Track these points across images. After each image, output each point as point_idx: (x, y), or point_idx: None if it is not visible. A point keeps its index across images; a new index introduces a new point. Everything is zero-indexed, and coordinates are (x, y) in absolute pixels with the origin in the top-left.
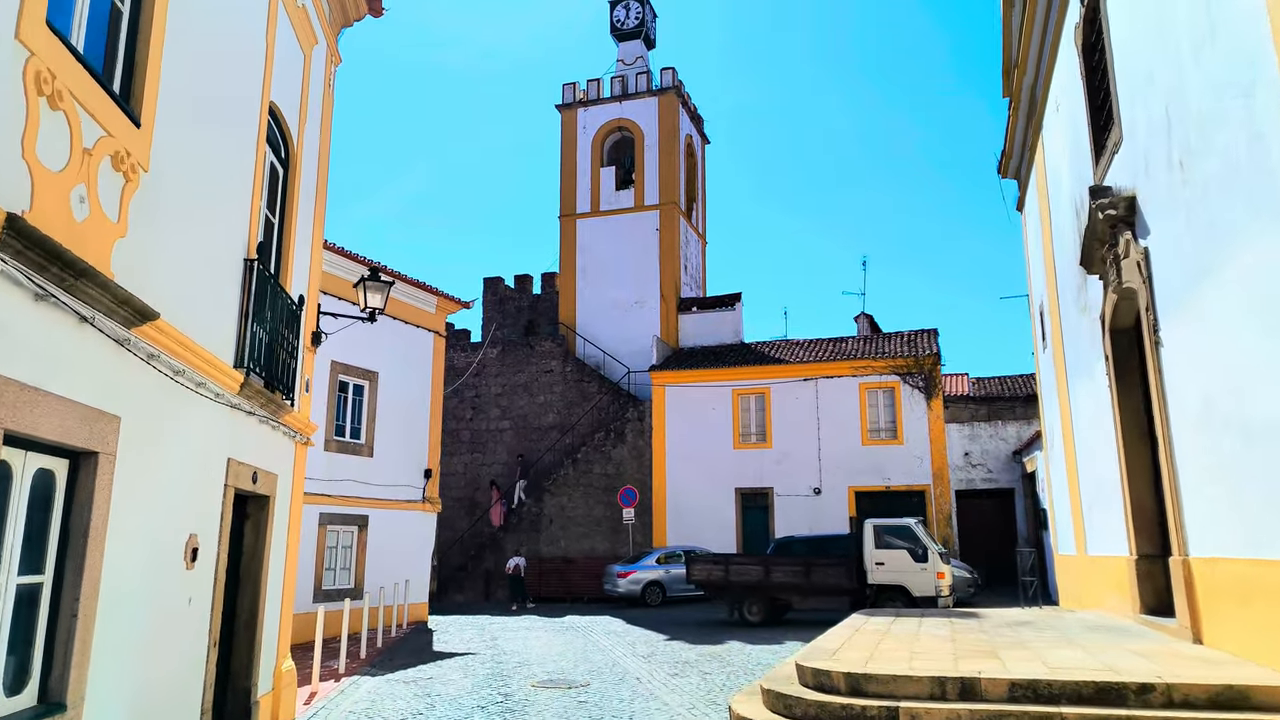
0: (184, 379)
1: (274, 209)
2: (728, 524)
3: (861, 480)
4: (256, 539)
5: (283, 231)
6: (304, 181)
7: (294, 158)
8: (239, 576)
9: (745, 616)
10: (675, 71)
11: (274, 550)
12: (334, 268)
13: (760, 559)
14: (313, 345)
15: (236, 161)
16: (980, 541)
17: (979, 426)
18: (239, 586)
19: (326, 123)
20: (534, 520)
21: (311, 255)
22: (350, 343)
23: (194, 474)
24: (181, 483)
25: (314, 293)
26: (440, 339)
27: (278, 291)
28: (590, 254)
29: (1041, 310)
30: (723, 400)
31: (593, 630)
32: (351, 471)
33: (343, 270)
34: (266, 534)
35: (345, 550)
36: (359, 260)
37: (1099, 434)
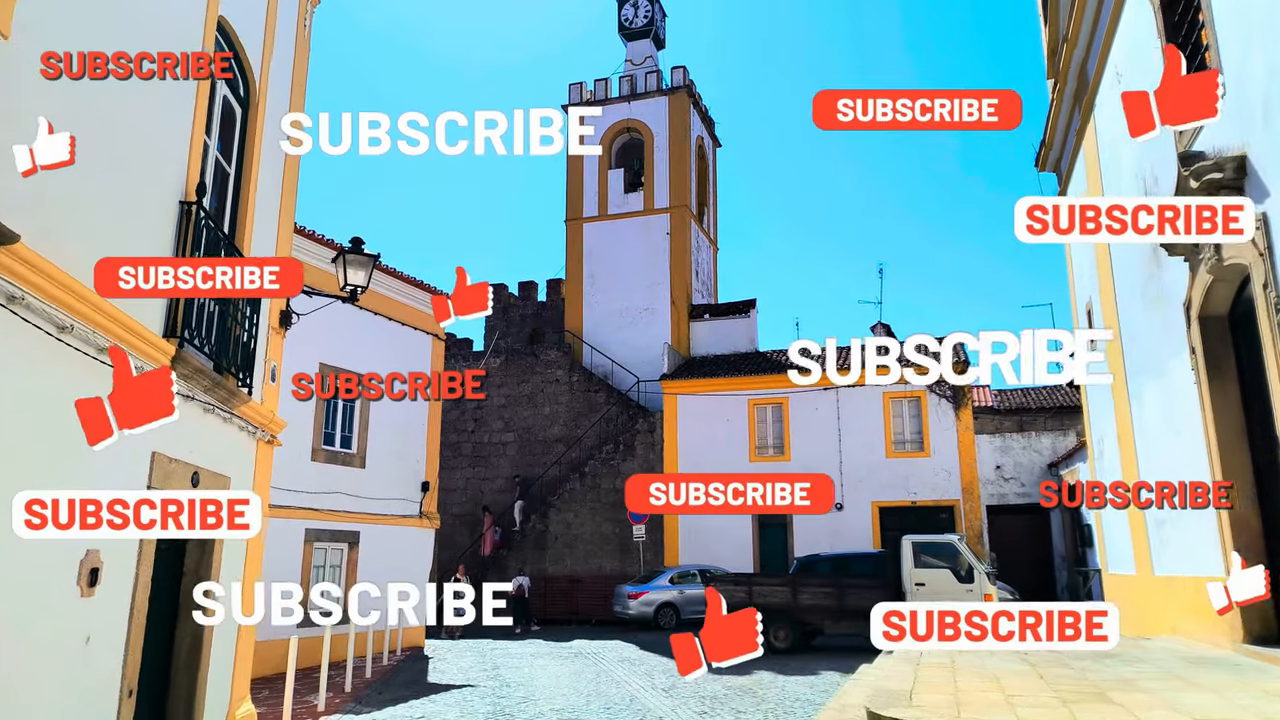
0: (74, 339)
1: (230, 157)
2: (744, 542)
3: (886, 495)
4: (202, 558)
5: (241, 184)
6: (270, 130)
7: (256, 98)
8: (176, 606)
9: (771, 642)
10: (686, 70)
11: (228, 571)
12: (324, 262)
13: (787, 579)
14: (281, 327)
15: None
16: (1014, 560)
17: (1011, 438)
18: (177, 618)
19: (301, 67)
20: (539, 538)
21: (280, 220)
22: (340, 343)
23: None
24: None
25: None
26: (439, 342)
27: (232, 252)
28: (598, 259)
29: (1089, 309)
30: (738, 411)
31: (604, 657)
32: (341, 484)
33: (387, 289)
34: (215, 552)
35: (334, 569)
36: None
37: (1175, 437)
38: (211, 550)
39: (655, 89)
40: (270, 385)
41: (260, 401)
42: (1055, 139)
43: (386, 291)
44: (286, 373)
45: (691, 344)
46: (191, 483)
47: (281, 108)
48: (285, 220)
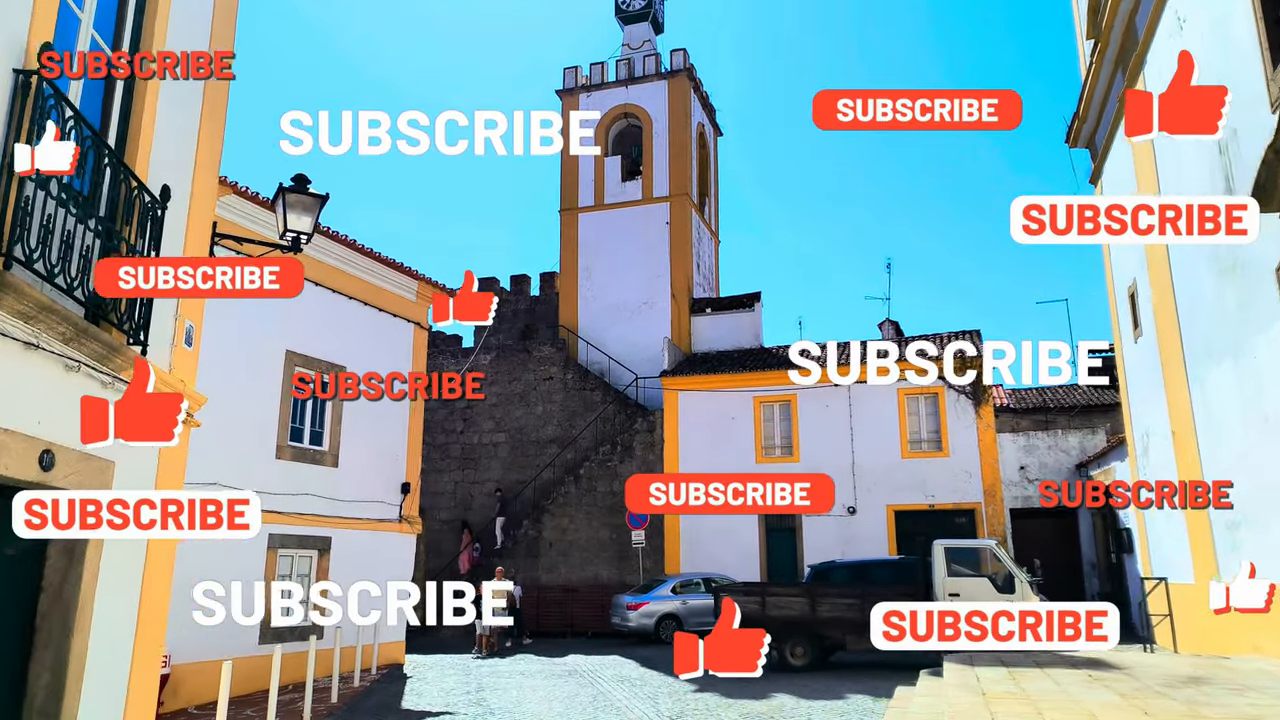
0: None
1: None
2: (750, 549)
3: (902, 498)
4: (69, 570)
5: (133, 80)
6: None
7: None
8: (33, 632)
9: (787, 659)
10: (686, 53)
11: (112, 588)
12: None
13: (805, 589)
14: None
15: None
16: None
17: (1035, 437)
18: (32, 650)
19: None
20: (531, 545)
21: (199, 140)
22: (310, 329)
23: None
24: None
25: (205, 199)
26: (422, 331)
27: (118, 169)
28: (594, 251)
29: (1132, 292)
30: (743, 409)
31: (601, 676)
32: (311, 484)
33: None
34: (85, 562)
35: (302, 579)
36: (334, 237)
37: (1263, 424)
38: (82, 559)
39: (654, 72)
40: (183, 349)
41: (169, 370)
42: (1090, 110)
43: (363, 274)
44: (245, 362)
45: (693, 339)
46: (40, 464)
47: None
48: (207, 152)
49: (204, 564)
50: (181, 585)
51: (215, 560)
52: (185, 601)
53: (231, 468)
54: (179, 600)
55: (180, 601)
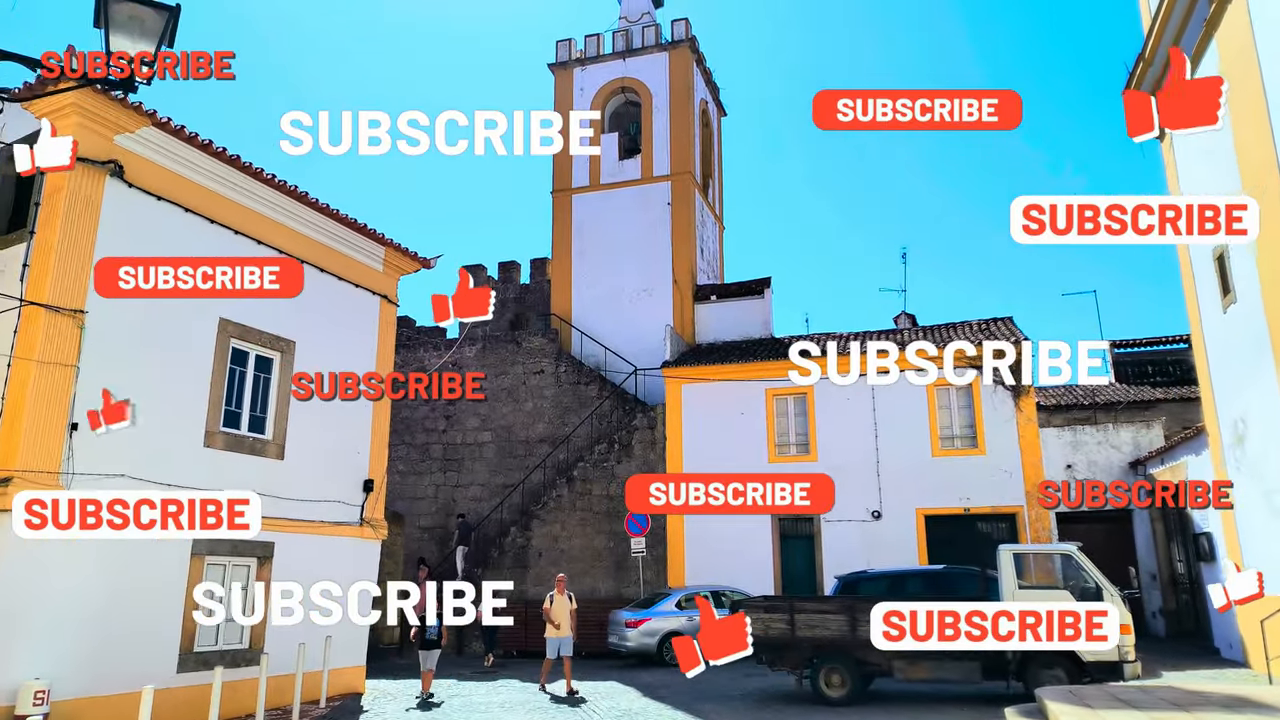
0: None
1: None
2: (762, 558)
3: (933, 501)
4: None
5: None
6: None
7: None
8: None
9: (822, 690)
10: (689, 23)
11: None
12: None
13: (844, 603)
14: None
15: None
16: (1136, 578)
17: (1083, 432)
18: None
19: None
20: (519, 554)
21: None
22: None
23: None
24: None
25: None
26: (390, 306)
27: None
28: (589, 234)
29: (1220, 256)
30: (754, 402)
31: (595, 709)
32: (248, 479)
33: (318, 231)
34: None
35: (240, 593)
36: (279, 186)
37: None
38: None
39: (654, 44)
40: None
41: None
42: (1157, 54)
43: (322, 237)
44: (165, 328)
45: (697, 329)
46: None
47: None
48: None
49: (117, 574)
50: (77, 598)
51: (129, 569)
52: (87, 619)
53: (144, 457)
54: (75, 617)
55: (80, 619)
